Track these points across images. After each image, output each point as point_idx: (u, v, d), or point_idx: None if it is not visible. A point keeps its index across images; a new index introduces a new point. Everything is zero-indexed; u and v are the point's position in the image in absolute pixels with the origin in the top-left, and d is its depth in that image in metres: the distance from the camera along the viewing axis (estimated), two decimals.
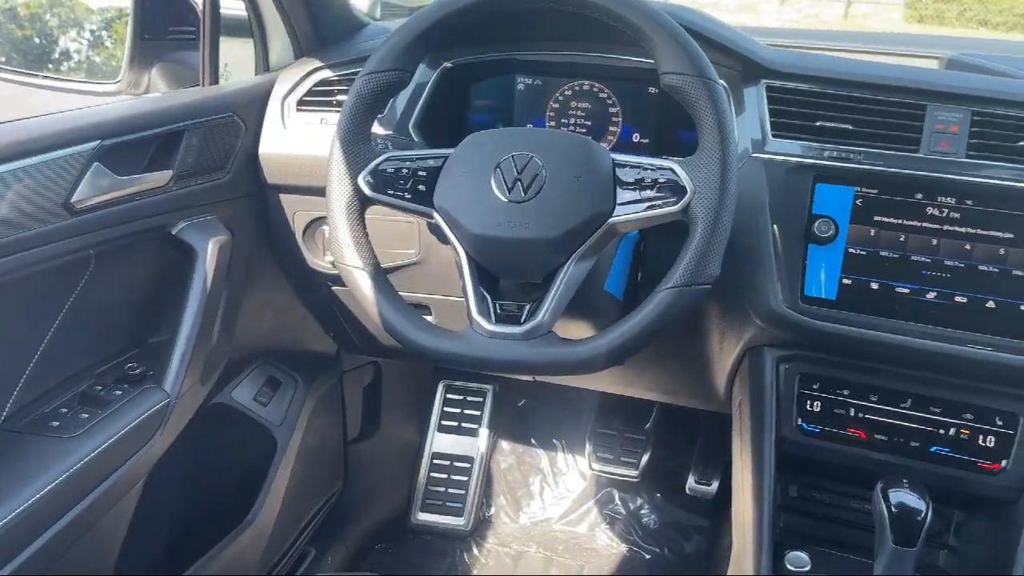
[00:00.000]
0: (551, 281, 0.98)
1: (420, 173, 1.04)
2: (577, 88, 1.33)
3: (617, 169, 0.99)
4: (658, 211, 0.95)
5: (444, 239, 1.04)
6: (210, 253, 1.23)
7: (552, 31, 1.29)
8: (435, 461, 2.04)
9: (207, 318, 1.23)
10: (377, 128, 1.28)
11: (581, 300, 1.11)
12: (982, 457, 1.10)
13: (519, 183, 0.98)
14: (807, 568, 1.12)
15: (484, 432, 2.06)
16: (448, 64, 1.32)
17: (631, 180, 0.97)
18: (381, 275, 1.04)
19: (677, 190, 0.95)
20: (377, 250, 1.07)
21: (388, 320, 1.01)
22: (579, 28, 1.25)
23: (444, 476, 2.02)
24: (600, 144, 1.05)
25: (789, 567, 1.13)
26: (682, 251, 0.94)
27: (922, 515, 0.96)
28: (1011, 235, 1.04)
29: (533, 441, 2.14)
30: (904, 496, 0.98)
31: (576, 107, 1.34)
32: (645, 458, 1.97)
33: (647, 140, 1.32)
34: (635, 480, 1.97)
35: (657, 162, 0.97)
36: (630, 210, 0.97)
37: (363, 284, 1.03)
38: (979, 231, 1.05)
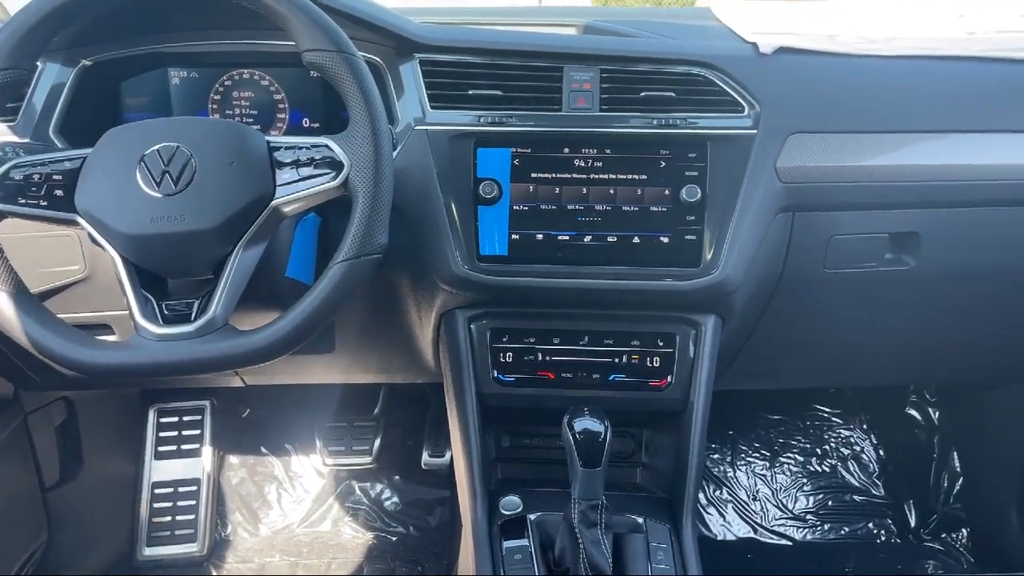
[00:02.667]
0: (220, 273, 0.95)
1: (56, 177, 0.95)
2: (237, 78, 1.29)
3: (274, 151, 0.97)
4: (319, 188, 0.95)
5: (100, 246, 0.96)
6: None
7: (199, 20, 1.23)
8: (156, 491, 1.91)
9: None
10: (10, 136, 1.15)
11: (265, 291, 1.08)
12: (652, 377, 1.23)
13: (167, 175, 0.93)
14: (519, 509, 1.19)
15: (208, 451, 1.96)
16: (87, 62, 1.21)
17: (288, 160, 0.97)
18: (24, 294, 0.95)
19: (335, 165, 0.95)
20: (35, 270, 0.97)
21: (37, 340, 0.92)
22: (226, 15, 1.21)
23: (169, 504, 1.90)
24: (254, 128, 1.03)
25: (503, 511, 1.19)
26: (348, 225, 0.95)
27: (601, 437, 1.05)
28: (645, 176, 1.17)
29: (263, 449, 2.06)
30: (586, 422, 1.06)
31: (239, 97, 1.30)
32: (377, 443, 1.97)
33: (317, 124, 1.31)
34: (372, 466, 1.97)
35: (312, 140, 0.97)
36: (291, 190, 0.96)
37: (3, 306, 0.93)
38: (619, 176, 1.17)
